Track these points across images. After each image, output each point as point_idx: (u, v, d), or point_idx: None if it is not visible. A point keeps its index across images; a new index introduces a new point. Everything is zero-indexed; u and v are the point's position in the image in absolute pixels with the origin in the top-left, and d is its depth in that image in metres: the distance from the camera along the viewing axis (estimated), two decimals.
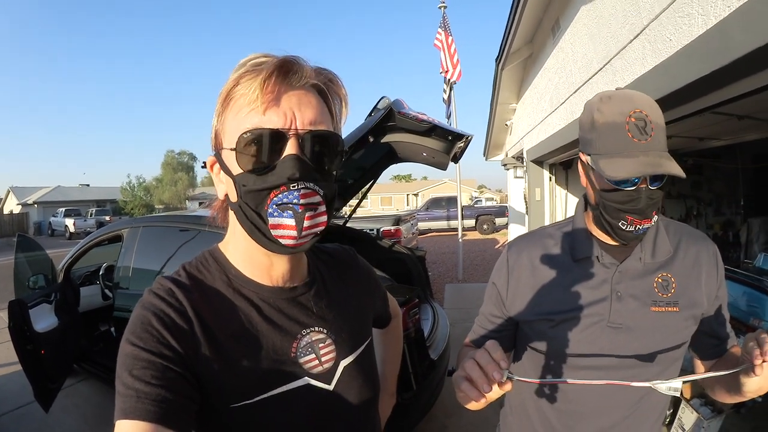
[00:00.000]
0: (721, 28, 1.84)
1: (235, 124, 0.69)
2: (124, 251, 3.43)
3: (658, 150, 0.86)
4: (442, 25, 9.08)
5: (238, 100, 0.68)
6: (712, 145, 5.31)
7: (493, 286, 1.13)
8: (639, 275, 0.98)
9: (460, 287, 8.42)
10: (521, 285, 1.07)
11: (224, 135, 0.72)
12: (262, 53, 0.70)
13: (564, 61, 4.66)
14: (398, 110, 2.43)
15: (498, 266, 1.14)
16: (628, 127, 0.86)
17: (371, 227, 9.03)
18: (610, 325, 0.97)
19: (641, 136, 0.85)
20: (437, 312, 3.63)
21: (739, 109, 3.02)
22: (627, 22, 2.95)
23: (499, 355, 0.71)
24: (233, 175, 0.71)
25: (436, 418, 3.43)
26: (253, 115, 0.67)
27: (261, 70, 0.66)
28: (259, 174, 0.68)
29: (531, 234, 1.15)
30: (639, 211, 0.89)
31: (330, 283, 0.92)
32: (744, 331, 3.13)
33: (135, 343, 0.65)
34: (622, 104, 0.88)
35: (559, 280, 1.03)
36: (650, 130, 0.85)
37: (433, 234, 18.98)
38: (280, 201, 0.67)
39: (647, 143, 0.85)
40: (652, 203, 0.89)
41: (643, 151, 0.85)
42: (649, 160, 0.84)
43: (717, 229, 6.78)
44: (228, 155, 0.70)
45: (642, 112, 0.86)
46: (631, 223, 0.90)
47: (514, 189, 10.04)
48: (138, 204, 39.46)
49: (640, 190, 0.88)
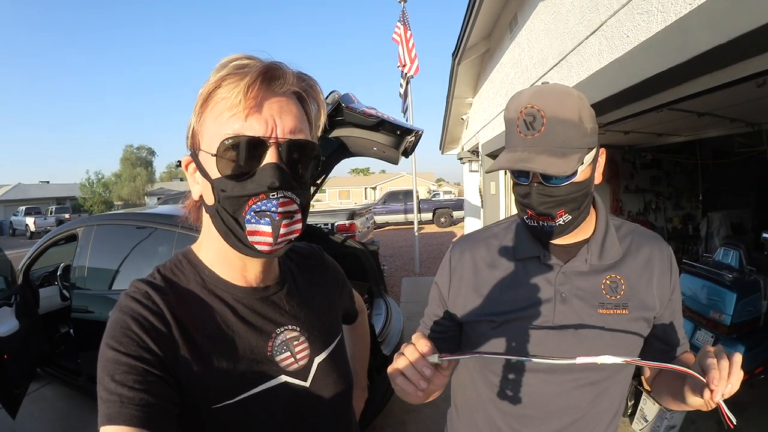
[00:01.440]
0: (681, 25, 1.81)
1: (215, 127, 0.69)
2: (80, 251, 3.38)
3: (547, 145, 0.83)
4: (401, 19, 9.05)
5: (219, 102, 0.68)
6: (671, 141, 5.45)
7: (436, 286, 1.11)
8: (584, 276, 0.95)
9: (417, 281, 8.44)
10: (463, 285, 1.04)
11: (202, 136, 0.71)
12: (245, 55, 0.70)
13: (521, 56, 4.66)
14: (346, 105, 2.36)
15: (441, 266, 1.11)
16: (518, 122, 0.86)
17: (326, 222, 8.93)
18: (554, 326, 0.94)
19: (527, 131, 0.84)
20: (390, 307, 3.65)
21: (698, 105, 3.07)
22: (584, 18, 2.93)
23: (423, 345, 0.71)
24: (211, 178, 0.70)
25: (394, 414, 3.44)
26: (235, 120, 0.67)
27: (245, 74, 0.66)
28: (238, 180, 0.68)
29: (475, 233, 1.12)
30: (532, 207, 0.88)
31: (300, 281, 0.93)
32: (704, 324, 3.20)
33: (116, 348, 0.65)
34: (522, 100, 0.86)
35: (501, 280, 1.00)
36: (539, 126, 0.83)
37: (390, 228, 18.95)
38: (259, 208, 0.68)
39: (534, 138, 0.84)
40: (550, 200, 0.87)
41: (527, 146, 0.85)
42: (519, 156, 0.84)
43: (677, 223, 7.00)
44: (206, 158, 0.70)
45: (534, 107, 0.84)
46: (531, 218, 0.91)
47: (470, 183, 10.13)
48: (97, 201, 38.83)
49: (531, 186, 0.87)
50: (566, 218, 0.89)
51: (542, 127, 0.83)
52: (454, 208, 18.88)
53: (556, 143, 0.83)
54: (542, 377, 0.95)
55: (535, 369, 0.95)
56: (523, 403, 0.97)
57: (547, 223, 0.89)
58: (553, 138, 0.83)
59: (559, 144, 0.83)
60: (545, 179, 0.86)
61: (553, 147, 0.83)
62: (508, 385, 0.98)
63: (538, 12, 4.00)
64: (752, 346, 2.96)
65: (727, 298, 3.04)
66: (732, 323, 2.99)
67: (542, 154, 0.83)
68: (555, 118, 0.83)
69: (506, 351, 0.96)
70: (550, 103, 0.84)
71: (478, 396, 1.06)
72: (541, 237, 0.94)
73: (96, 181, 41.21)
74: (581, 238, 0.97)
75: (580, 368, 0.93)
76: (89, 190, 40.32)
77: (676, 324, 1.02)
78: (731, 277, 3.15)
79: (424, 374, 0.69)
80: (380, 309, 3.58)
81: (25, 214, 28.21)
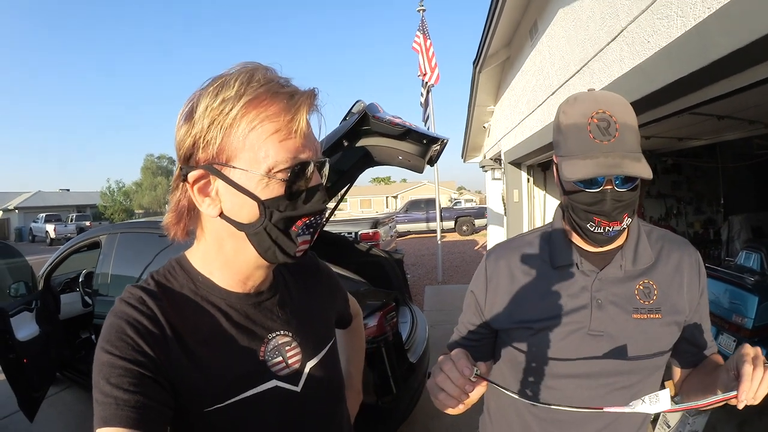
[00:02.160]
0: (700, 29, 1.82)
1: (263, 146, 0.69)
2: (103, 258, 3.46)
3: (623, 150, 0.84)
4: (421, 28, 9.13)
5: (265, 123, 0.69)
6: (692, 144, 5.37)
7: (472, 294, 1.12)
8: (619, 282, 0.97)
9: (440, 289, 8.45)
10: (500, 293, 1.06)
11: (237, 152, 0.70)
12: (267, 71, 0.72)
13: (541, 63, 4.66)
14: (372, 114, 2.41)
15: (476, 274, 1.13)
16: (590, 128, 0.85)
17: (349, 230, 9.02)
18: (590, 332, 0.96)
19: (603, 136, 0.84)
20: (416, 315, 3.67)
21: (718, 109, 3.04)
22: (605, 24, 2.94)
23: (463, 363, 0.73)
24: (260, 198, 0.71)
25: (417, 421, 3.45)
26: (290, 143, 0.70)
27: (290, 97, 0.70)
28: (291, 199, 0.72)
29: (509, 241, 1.14)
30: (605, 213, 0.88)
31: (293, 287, 0.95)
32: (726, 329, 3.16)
33: (110, 352, 0.66)
34: (586, 105, 0.87)
35: (537, 287, 1.01)
36: (614, 131, 0.84)
37: (412, 236, 18.99)
38: (311, 223, 0.76)
39: (610, 144, 0.84)
40: (621, 205, 0.87)
41: (605, 152, 0.84)
42: (607, 161, 0.83)
43: (698, 228, 6.91)
44: (244, 175, 0.70)
45: (605, 113, 0.85)
46: (598, 224, 0.90)
47: (493, 191, 10.07)
48: (118, 209, 39.61)
49: (606, 191, 0.86)
50: (628, 221, 0.91)
51: (617, 133, 0.84)
52: (475, 216, 18.82)
53: (629, 148, 0.85)
54: (576, 382, 0.97)
55: (570, 374, 0.97)
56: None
57: (613, 228, 0.89)
58: (626, 143, 0.85)
59: (630, 149, 0.85)
60: (618, 185, 0.86)
61: (628, 152, 0.84)
62: (543, 390, 1.00)
63: (558, 19, 4.01)
64: None
65: (749, 301, 2.99)
66: (754, 327, 2.94)
67: (625, 158, 0.83)
68: (625, 124, 0.85)
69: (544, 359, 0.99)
70: (618, 109, 0.86)
71: (512, 402, 1.07)
72: (600, 243, 0.94)
73: (117, 189, 42.02)
74: (616, 245, 1.00)
75: (613, 372, 0.96)
76: (110, 198, 41.14)
77: (704, 327, 1.04)
78: (753, 281, 3.10)
79: (465, 391, 0.72)
80: (405, 317, 3.60)
81: (45, 221, 28.94)
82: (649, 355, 0.96)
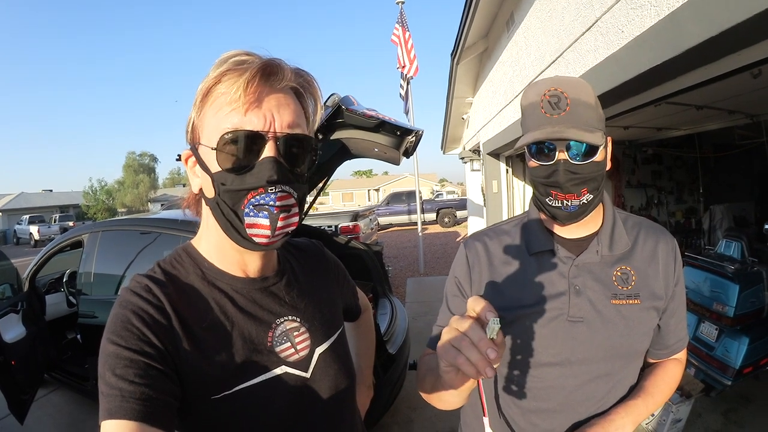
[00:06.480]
0: (673, 18, 1.82)
1: (215, 121, 0.70)
2: (85, 257, 3.42)
3: (573, 123, 0.87)
4: (400, 20, 9.06)
5: (219, 98, 0.70)
6: (671, 135, 5.44)
7: (455, 279, 1.11)
8: (597, 268, 0.98)
9: (422, 281, 8.44)
10: (482, 280, 1.05)
11: (202, 130, 0.73)
12: (244, 51, 0.72)
13: (518, 54, 4.67)
14: (346, 107, 2.38)
15: (457, 262, 1.12)
16: (542, 104, 0.88)
17: (329, 224, 8.96)
18: (570, 319, 0.95)
19: (553, 110, 0.87)
20: (395, 306, 3.69)
21: (697, 98, 3.07)
22: (579, 14, 2.94)
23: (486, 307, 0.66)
24: (211, 172, 0.72)
25: (400, 412, 3.48)
26: (234, 114, 0.69)
27: (244, 69, 0.68)
28: (238, 174, 0.70)
29: (486, 230, 1.14)
30: (559, 184, 0.89)
31: (300, 273, 0.94)
32: (708, 317, 3.19)
33: (116, 342, 0.65)
34: (541, 85, 0.90)
35: (516, 275, 1.01)
36: (564, 105, 0.87)
37: (394, 229, 18.95)
38: (257, 202, 0.70)
39: (560, 117, 0.87)
40: (576, 177, 0.89)
41: (554, 124, 0.87)
42: (550, 130, 0.86)
43: (679, 217, 7.00)
44: (206, 152, 0.72)
45: (557, 89, 0.88)
46: (555, 197, 0.92)
47: (472, 182, 10.12)
48: (101, 208, 39.36)
49: (559, 162, 0.88)
50: (588, 197, 0.91)
51: (567, 107, 0.87)
52: (457, 208, 18.80)
53: (581, 121, 0.87)
54: (559, 370, 0.96)
55: (552, 362, 0.97)
56: (540, 397, 0.98)
57: (570, 202, 0.91)
58: (577, 117, 0.87)
59: (582, 122, 0.87)
60: (572, 156, 0.88)
61: (579, 124, 0.87)
62: (525, 380, 0.99)
63: (534, 10, 4.01)
64: (756, 337, 2.94)
65: (729, 289, 3.02)
66: (735, 315, 2.97)
67: (572, 128, 0.86)
68: (577, 100, 0.87)
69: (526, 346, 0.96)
70: (570, 87, 0.88)
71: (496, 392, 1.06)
72: (562, 219, 0.95)
73: (99, 188, 41.65)
74: (591, 231, 1.00)
75: (595, 360, 0.96)
76: (92, 197, 40.77)
77: (678, 316, 1.04)
78: (733, 269, 3.13)
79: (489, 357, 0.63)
80: (385, 309, 3.62)
81: (28, 222, 28.43)
82: (629, 341, 0.96)
